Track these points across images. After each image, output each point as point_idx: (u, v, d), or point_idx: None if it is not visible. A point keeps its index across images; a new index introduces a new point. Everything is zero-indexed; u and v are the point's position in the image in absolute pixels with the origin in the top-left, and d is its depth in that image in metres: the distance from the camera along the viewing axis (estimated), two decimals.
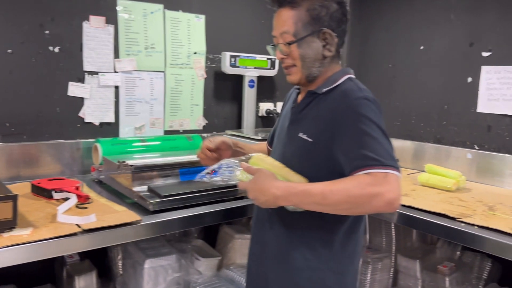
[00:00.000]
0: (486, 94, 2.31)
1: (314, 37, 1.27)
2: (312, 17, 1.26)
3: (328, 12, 1.26)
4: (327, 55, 1.29)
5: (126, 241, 1.54)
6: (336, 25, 1.28)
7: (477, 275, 2.17)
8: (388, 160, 1.11)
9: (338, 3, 1.28)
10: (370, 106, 1.18)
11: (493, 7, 2.28)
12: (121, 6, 2.23)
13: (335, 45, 1.29)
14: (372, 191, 1.08)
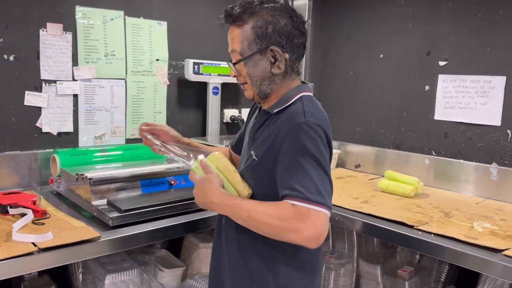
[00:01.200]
0: (442, 102, 2.39)
1: (261, 55, 1.24)
2: (257, 35, 1.23)
3: (275, 28, 1.22)
4: (276, 73, 1.25)
5: (85, 259, 1.50)
6: (286, 41, 1.23)
7: (435, 278, 2.24)
8: (314, 195, 1.08)
9: (289, 17, 1.24)
10: (309, 134, 1.13)
11: (447, 17, 2.36)
12: (79, 13, 2.17)
13: (285, 61, 1.25)
14: (291, 225, 1.08)
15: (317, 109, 1.23)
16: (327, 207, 1.10)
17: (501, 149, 2.20)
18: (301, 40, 1.27)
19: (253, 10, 1.23)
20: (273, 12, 1.22)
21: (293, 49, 1.25)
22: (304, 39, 1.28)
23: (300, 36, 1.26)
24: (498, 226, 1.78)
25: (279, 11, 1.23)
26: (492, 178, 2.22)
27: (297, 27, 1.25)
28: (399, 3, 2.57)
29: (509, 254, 1.48)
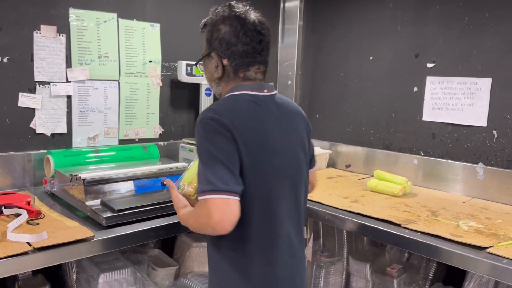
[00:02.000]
0: (430, 103, 2.44)
1: (208, 59, 1.36)
2: (207, 41, 1.35)
3: (217, 36, 1.31)
4: (216, 77, 1.35)
5: (79, 258, 1.53)
6: (225, 48, 1.30)
7: (423, 276, 2.29)
8: (205, 185, 1.17)
9: (230, 25, 1.29)
10: (198, 129, 1.23)
11: (435, 20, 2.41)
12: (73, 15, 2.19)
13: (224, 67, 1.32)
14: (201, 222, 1.21)
15: (224, 103, 1.28)
16: (220, 192, 1.15)
17: (487, 150, 2.25)
18: (245, 48, 1.30)
19: (209, 19, 1.36)
20: (219, 21, 1.32)
21: (233, 56, 1.30)
22: (249, 47, 1.30)
23: (242, 44, 1.29)
24: (483, 225, 1.83)
25: (224, 20, 1.31)
26: (478, 178, 2.27)
27: (237, 35, 1.29)
28: (388, 6, 2.61)
29: (493, 252, 1.53)
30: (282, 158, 1.30)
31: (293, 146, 1.36)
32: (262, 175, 1.25)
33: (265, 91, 1.35)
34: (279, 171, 1.29)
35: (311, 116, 3.13)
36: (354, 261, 2.35)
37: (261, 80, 1.38)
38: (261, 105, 1.31)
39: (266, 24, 1.36)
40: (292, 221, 1.35)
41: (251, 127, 1.24)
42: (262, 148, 1.25)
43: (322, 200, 2.10)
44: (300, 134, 1.41)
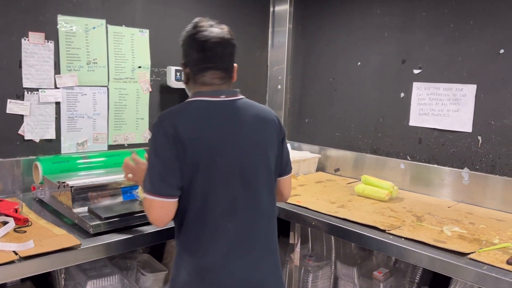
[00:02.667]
0: (417, 108, 2.47)
1: (182, 68, 1.51)
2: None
3: (182, 46, 1.48)
4: (184, 81, 1.52)
5: (66, 266, 1.54)
6: (184, 57, 1.48)
7: (410, 280, 2.32)
8: (146, 185, 1.36)
9: (187, 37, 1.45)
10: (152, 132, 1.39)
11: (422, 27, 2.44)
12: (61, 21, 2.20)
13: (187, 74, 1.48)
14: (146, 213, 1.39)
15: (177, 108, 1.41)
16: (157, 194, 1.33)
17: (472, 155, 2.29)
18: (197, 55, 1.43)
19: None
20: (184, 34, 1.47)
21: (191, 64, 1.45)
22: (201, 55, 1.42)
23: (196, 53, 1.43)
24: (467, 230, 1.86)
25: (186, 32, 1.46)
26: (464, 183, 2.31)
27: (190, 45, 1.44)
28: (375, 12, 2.64)
29: (474, 258, 1.56)
30: (227, 160, 1.38)
31: (246, 150, 1.42)
32: (204, 175, 1.36)
33: (222, 96, 1.43)
34: (223, 173, 1.38)
35: (301, 120, 3.16)
36: (341, 265, 2.37)
37: (220, 85, 1.45)
38: (212, 110, 1.40)
39: (222, 35, 1.44)
40: (241, 221, 1.41)
41: (196, 130, 1.35)
42: (205, 150, 1.35)
43: (310, 206, 2.13)
44: (262, 139, 1.46)
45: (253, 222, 1.44)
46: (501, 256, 1.57)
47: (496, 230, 1.88)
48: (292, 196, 2.28)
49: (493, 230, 1.88)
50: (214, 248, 1.38)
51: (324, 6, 2.94)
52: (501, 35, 2.16)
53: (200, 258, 1.39)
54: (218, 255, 1.38)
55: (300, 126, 3.17)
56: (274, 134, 1.51)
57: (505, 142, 2.17)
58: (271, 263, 1.50)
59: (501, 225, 1.95)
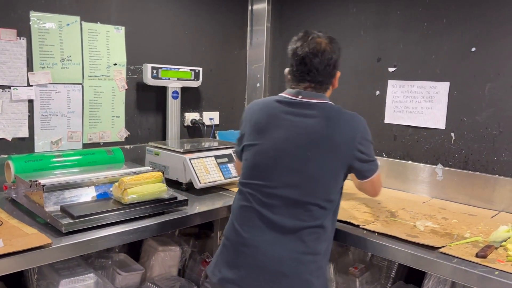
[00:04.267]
0: (392, 106, 2.51)
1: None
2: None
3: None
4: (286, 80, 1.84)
5: (37, 265, 1.52)
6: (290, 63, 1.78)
7: (386, 275, 2.35)
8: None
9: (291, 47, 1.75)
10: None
11: (396, 26, 2.47)
12: (34, 18, 2.16)
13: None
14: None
15: (258, 100, 1.76)
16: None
17: (446, 151, 2.33)
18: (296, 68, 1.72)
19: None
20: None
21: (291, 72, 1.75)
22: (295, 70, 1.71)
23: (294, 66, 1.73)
24: (439, 225, 1.89)
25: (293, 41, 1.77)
26: (437, 179, 2.35)
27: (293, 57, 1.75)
28: (352, 11, 2.67)
29: (445, 252, 1.59)
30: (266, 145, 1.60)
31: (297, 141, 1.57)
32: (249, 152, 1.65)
33: (299, 97, 1.64)
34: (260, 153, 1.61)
35: None
36: None
37: (306, 88, 1.67)
38: (282, 104, 1.64)
39: (317, 51, 1.67)
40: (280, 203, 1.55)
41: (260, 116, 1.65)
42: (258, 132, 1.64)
43: None
44: (321, 136, 1.56)
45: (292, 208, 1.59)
46: (471, 250, 1.60)
47: (468, 224, 1.92)
48: None
49: (465, 224, 1.92)
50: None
51: (301, 4, 2.96)
52: (473, 33, 2.20)
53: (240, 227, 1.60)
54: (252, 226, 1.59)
55: None
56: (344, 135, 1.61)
57: (477, 139, 2.22)
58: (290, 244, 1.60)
59: (472, 219, 1.99)
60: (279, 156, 1.56)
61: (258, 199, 1.56)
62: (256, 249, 1.52)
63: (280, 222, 1.52)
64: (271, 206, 1.54)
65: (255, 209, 1.56)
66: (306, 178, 1.53)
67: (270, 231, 1.53)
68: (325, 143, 1.54)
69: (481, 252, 1.54)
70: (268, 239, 1.52)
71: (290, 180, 1.54)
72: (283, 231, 1.52)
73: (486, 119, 2.19)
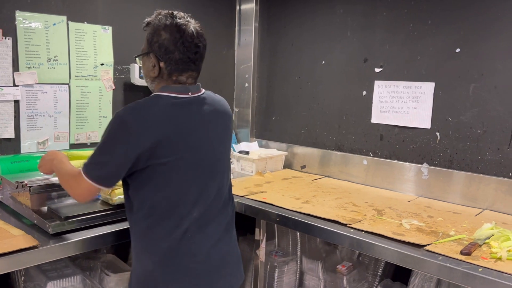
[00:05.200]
0: (378, 106, 2.54)
1: (147, 57, 1.48)
2: (147, 40, 1.48)
3: (158, 40, 1.43)
4: (152, 76, 1.49)
5: (24, 267, 1.51)
6: (164, 53, 1.43)
7: (373, 273, 2.38)
8: (87, 164, 1.39)
9: (171, 34, 1.42)
10: (113, 120, 1.38)
11: (382, 27, 2.50)
12: (20, 17, 2.14)
13: (160, 69, 1.46)
14: (70, 185, 1.45)
15: (144, 102, 1.41)
16: (92, 178, 1.36)
17: (431, 150, 2.36)
18: (180, 56, 1.44)
19: (152, 21, 1.48)
20: (162, 26, 1.44)
21: (170, 61, 1.45)
22: (184, 56, 1.44)
23: (179, 53, 1.44)
24: (425, 223, 1.92)
25: (166, 27, 1.43)
26: (423, 177, 2.38)
27: (175, 44, 1.43)
28: (338, 12, 2.69)
29: (430, 249, 1.61)
30: (194, 153, 1.45)
31: (210, 142, 1.50)
32: (172, 169, 1.41)
33: (189, 93, 1.48)
34: (191, 165, 1.44)
35: (268, 118, 3.18)
36: (307, 260, 2.41)
37: (191, 83, 1.51)
38: (180, 107, 1.43)
39: (203, 37, 1.49)
40: (206, 209, 1.49)
41: (165, 125, 1.38)
42: (173, 144, 1.39)
43: (275, 202, 2.15)
44: (223, 132, 1.58)
45: (216, 210, 1.53)
46: (455, 247, 1.63)
47: (453, 222, 1.95)
48: (258, 193, 2.31)
49: (450, 222, 1.95)
50: (177, 233, 1.43)
51: (288, 5, 2.98)
52: (457, 34, 2.24)
53: (162, 243, 1.43)
54: (180, 240, 1.44)
55: (267, 124, 3.20)
56: (230, 126, 1.63)
57: (462, 138, 2.26)
58: (229, 242, 1.60)
59: (457, 217, 2.03)
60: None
61: None
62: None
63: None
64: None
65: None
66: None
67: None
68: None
69: (466, 250, 1.57)
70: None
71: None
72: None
73: (470, 118, 2.22)
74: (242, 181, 2.59)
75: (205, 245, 1.48)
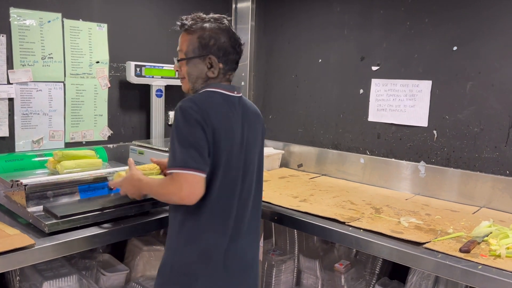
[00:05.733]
0: (375, 104, 2.53)
1: (200, 60, 1.53)
2: (201, 44, 1.53)
3: (216, 42, 1.51)
4: (210, 76, 1.54)
5: (20, 266, 1.49)
6: (222, 55, 1.52)
7: (370, 271, 2.38)
8: (177, 162, 1.38)
9: (228, 38, 1.52)
10: (178, 114, 1.41)
11: (379, 25, 2.50)
12: (14, 14, 2.12)
13: (219, 69, 1.54)
14: (170, 191, 1.42)
15: (202, 97, 1.48)
16: (191, 168, 1.36)
17: (428, 148, 2.36)
18: (235, 57, 1.56)
19: (202, 25, 1.53)
20: (217, 30, 1.52)
21: (227, 62, 1.54)
22: (238, 57, 1.58)
23: (235, 54, 1.55)
24: (423, 221, 1.92)
25: (222, 31, 1.52)
26: (420, 175, 2.38)
27: (233, 46, 1.54)
28: (335, 10, 2.68)
29: (429, 247, 1.61)
30: (239, 150, 1.51)
31: (249, 143, 1.56)
32: (224, 163, 1.46)
33: (235, 92, 1.56)
34: (236, 161, 1.50)
35: (264, 116, 3.13)
36: (304, 258, 2.40)
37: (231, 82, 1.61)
38: (230, 104, 1.51)
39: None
40: (244, 205, 1.55)
41: (220, 120, 1.44)
42: (226, 140, 1.45)
43: (273, 200, 2.14)
44: (257, 134, 1.64)
45: (251, 209, 1.59)
46: (454, 245, 1.63)
47: (451, 220, 1.95)
48: None
49: (448, 220, 1.95)
50: (222, 231, 1.49)
51: (285, 3, 2.97)
52: (454, 33, 2.24)
53: (208, 239, 1.47)
54: (224, 237, 1.49)
55: (264, 122, 3.18)
56: (262, 129, 1.70)
57: (459, 136, 2.26)
58: (257, 244, 1.68)
59: (455, 215, 2.03)
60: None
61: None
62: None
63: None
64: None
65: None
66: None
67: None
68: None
69: (465, 247, 1.57)
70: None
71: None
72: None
73: (467, 117, 2.23)
74: None
75: (243, 244, 1.55)
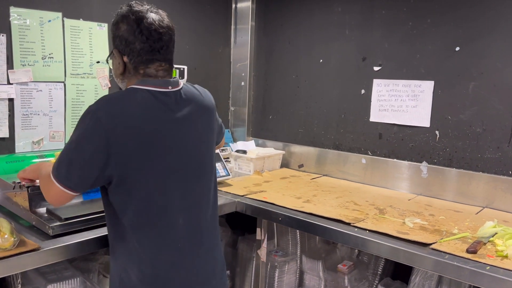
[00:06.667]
0: (377, 105, 2.53)
1: (113, 55, 1.39)
2: (111, 38, 1.40)
3: (117, 33, 1.35)
4: (118, 73, 1.39)
5: (24, 270, 1.47)
6: (124, 45, 1.33)
7: (373, 272, 2.38)
8: (56, 169, 1.29)
9: (128, 24, 1.32)
10: (86, 118, 1.26)
11: (381, 25, 2.50)
12: (14, 13, 2.09)
13: (125, 63, 1.35)
14: (41, 186, 1.39)
15: (119, 96, 1.31)
16: (63, 184, 1.27)
17: (430, 149, 2.36)
18: (142, 45, 1.32)
19: (115, 16, 1.39)
20: (119, 17, 1.36)
21: (132, 53, 1.33)
22: (147, 45, 1.32)
23: (140, 42, 1.32)
24: (428, 221, 1.92)
25: (122, 17, 1.34)
26: (422, 176, 2.38)
27: (134, 34, 1.31)
28: (336, 10, 2.68)
29: (436, 248, 1.61)
30: (175, 154, 1.35)
31: (193, 143, 1.41)
32: (152, 171, 1.30)
33: (169, 87, 1.36)
34: (171, 167, 1.34)
35: (265, 117, 3.16)
36: (307, 259, 2.39)
37: (163, 76, 1.38)
38: (159, 102, 1.33)
39: (165, 23, 1.36)
40: (191, 216, 1.40)
41: (139, 123, 1.27)
42: (151, 144, 1.29)
43: (276, 202, 2.13)
44: (206, 130, 1.47)
45: (202, 216, 1.44)
46: (461, 246, 1.63)
47: (455, 220, 1.95)
48: (258, 192, 2.29)
49: (452, 221, 1.95)
50: (167, 246, 1.35)
51: (285, 3, 2.95)
52: (457, 33, 2.24)
53: (153, 258, 1.34)
54: (171, 253, 1.36)
55: (264, 123, 3.18)
56: (212, 120, 1.52)
57: (461, 136, 2.26)
58: (218, 253, 1.52)
59: (459, 216, 2.03)
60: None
61: None
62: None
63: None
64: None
65: None
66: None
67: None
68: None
69: (471, 248, 1.57)
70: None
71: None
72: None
73: (470, 117, 2.23)
74: (241, 181, 2.56)
75: (195, 255, 1.40)
